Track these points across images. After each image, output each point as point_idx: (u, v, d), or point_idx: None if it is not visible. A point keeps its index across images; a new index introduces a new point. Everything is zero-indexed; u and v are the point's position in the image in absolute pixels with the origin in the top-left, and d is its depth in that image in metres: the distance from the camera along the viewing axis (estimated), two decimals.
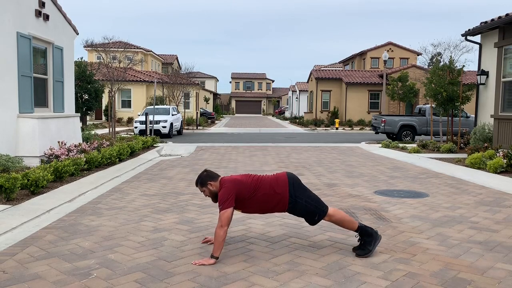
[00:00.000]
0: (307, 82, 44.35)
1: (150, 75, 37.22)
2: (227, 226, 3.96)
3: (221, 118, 52.27)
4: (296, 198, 4.17)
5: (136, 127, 21.28)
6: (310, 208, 4.20)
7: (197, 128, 29.87)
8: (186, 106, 34.62)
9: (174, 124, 22.54)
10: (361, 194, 7.24)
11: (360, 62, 46.04)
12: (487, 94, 13.16)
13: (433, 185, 8.10)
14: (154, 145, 15.54)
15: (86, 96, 20.79)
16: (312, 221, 4.27)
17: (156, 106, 22.05)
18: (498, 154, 9.96)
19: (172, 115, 22.69)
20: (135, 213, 5.84)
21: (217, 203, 4.14)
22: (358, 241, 4.30)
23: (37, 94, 10.44)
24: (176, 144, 17.12)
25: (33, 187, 6.59)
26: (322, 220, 4.33)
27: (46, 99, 11.11)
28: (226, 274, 3.70)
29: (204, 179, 4.24)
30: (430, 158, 12.08)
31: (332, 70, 42.59)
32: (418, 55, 42.08)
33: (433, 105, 16.05)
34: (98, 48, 18.71)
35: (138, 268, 3.82)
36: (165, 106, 24.29)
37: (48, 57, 11.15)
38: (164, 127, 21.13)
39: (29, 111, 9.85)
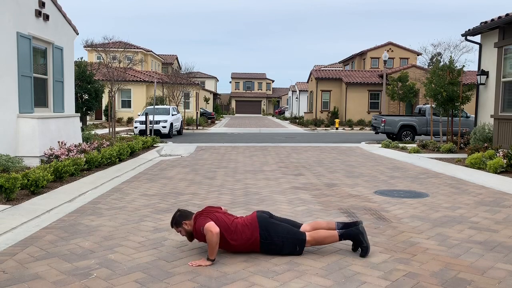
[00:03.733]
0: (307, 82, 44.35)
1: (150, 75, 37.22)
2: (217, 228, 3.92)
3: (221, 118, 52.27)
4: (272, 238, 4.11)
5: (136, 127, 21.28)
6: (288, 244, 4.12)
7: (197, 128, 29.87)
8: (186, 106, 34.62)
9: (174, 124, 22.54)
10: (361, 194, 7.24)
11: (360, 62, 46.04)
12: (487, 94, 13.16)
13: (433, 185, 8.10)
14: (154, 145, 15.54)
15: (86, 96, 20.78)
16: (295, 252, 4.16)
17: (156, 106, 22.04)
18: (498, 154, 9.95)
19: (172, 115, 22.69)
20: (135, 213, 5.84)
21: (195, 240, 4.19)
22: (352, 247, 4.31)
23: (37, 94, 10.44)
24: (176, 144, 17.13)
25: (33, 187, 6.59)
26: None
27: (46, 99, 11.11)
28: (226, 274, 3.70)
29: (179, 220, 4.23)
30: (430, 158, 12.08)
31: (332, 70, 42.59)
32: (418, 55, 42.05)
33: (433, 105, 16.05)
34: (98, 48, 18.70)
35: (138, 268, 3.82)
36: (165, 106, 24.28)
37: (48, 57, 11.15)
38: (164, 127, 21.13)
39: (29, 111, 9.85)
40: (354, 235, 4.17)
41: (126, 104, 34.73)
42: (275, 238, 4.12)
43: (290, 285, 3.47)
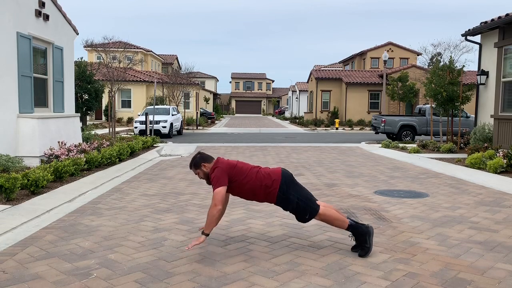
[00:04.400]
0: (307, 82, 44.34)
1: (150, 75, 37.22)
2: (221, 205, 3.98)
3: (221, 118, 52.26)
4: (288, 195, 4.18)
5: (136, 127, 21.27)
6: (302, 206, 4.20)
7: (197, 128, 29.87)
8: (186, 106, 34.61)
9: (174, 124, 22.54)
10: (361, 194, 7.24)
11: (360, 62, 46.03)
12: (487, 94, 13.16)
13: (433, 185, 8.10)
14: (154, 145, 15.54)
15: (86, 96, 20.78)
16: (303, 219, 4.26)
17: (156, 106, 22.04)
18: (498, 154, 9.95)
19: (172, 115, 22.69)
20: (135, 213, 5.84)
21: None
22: (352, 240, 4.31)
23: (37, 94, 10.43)
24: (176, 144, 17.13)
25: (33, 187, 6.59)
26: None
27: (46, 99, 11.11)
28: (226, 274, 3.70)
29: (198, 161, 4.27)
30: (430, 158, 12.08)
31: (332, 70, 42.59)
32: (418, 55, 42.04)
33: (433, 105, 16.05)
34: (98, 48, 18.70)
35: (138, 268, 3.82)
36: (165, 106, 24.28)
37: (48, 57, 11.15)
38: (164, 127, 21.13)
39: (29, 111, 9.85)
40: (362, 232, 4.18)
41: (126, 104, 34.73)
42: (291, 195, 4.18)
43: (290, 285, 3.47)
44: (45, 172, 6.94)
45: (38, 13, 10.33)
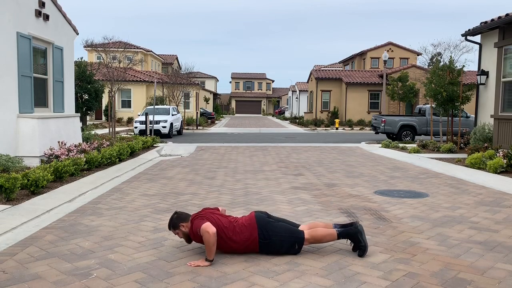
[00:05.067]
0: (307, 82, 44.35)
1: (150, 75, 37.22)
2: (213, 229, 3.91)
3: (221, 118, 52.27)
4: (270, 237, 4.11)
5: (136, 127, 21.28)
6: (286, 242, 4.12)
7: (197, 128, 29.87)
8: (186, 106, 34.61)
9: (174, 124, 22.54)
10: (361, 194, 7.24)
11: (360, 62, 46.03)
12: (487, 94, 13.16)
13: (433, 185, 8.10)
14: (154, 145, 15.54)
15: (86, 96, 20.78)
16: (294, 251, 4.16)
17: (156, 106, 22.04)
18: (498, 154, 9.95)
19: (172, 115, 22.69)
20: (135, 213, 5.84)
21: (193, 242, 4.22)
22: (350, 245, 4.31)
23: (37, 94, 10.43)
24: (176, 144, 17.13)
25: (33, 187, 6.59)
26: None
27: (46, 99, 11.11)
28: (226, 274, 3.70)
29: (176, 222, 4.23)
30: (430, 158, 12.08)
31: (332, 70, 42.60)
32: (418, 55, 42.04)
33: (433, 105, 16.05)
34: (98, 48, 18.71)
35: (138, 268, 3.82)
36: (165, 106, 24.28)
37: (48, 57, 11.15)
38: (164, 127, 21.13)
39: (29, 111, 9.85)
40: (352, 234, 4.17)
41: (126, 104, 34.73)
42: (274, 237, 4.12)
43: (290, 285, 3.47)
44: (45, 172, 6.94)
45: (38, 13, 10.33)
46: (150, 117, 20.40)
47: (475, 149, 11.44)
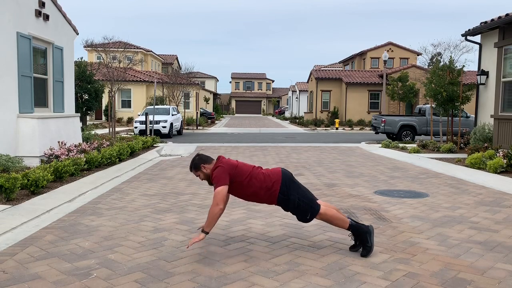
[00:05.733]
0: (307, 82, 44.35)
1: (150, 75, 37.22)
2: (223, 204, 3.97)
3: (221, 118, 52.26)
4: (289, 195, 4.17)
5: (136, 127, 21.28)
6: (303, 206, 4.19)
7: (197, 128, 29.87)
8: (186, 106, 34.61)
9: (174, 124, 22.54)
10: (361, 194, 7.24)
11: (360, 62, 46.03)
12: (487, 94, 13.16)
13: (433, 185, 8.10)
14: (154, 145, 15.54)
15: (86, 96, 20.78)
16: (304, 219, 4.26)
17: (156, 106, 22.04)
18: (498, 154, 9.95)
19: (172, 115, 22.69)
20: (135, 213, 5.84)
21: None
22: (351, 240, 4.31)
23: (37, 94, 10.43)
24: (176, 144, 17.13)
25: (33, 187, 6.59)
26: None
27: (46, 99, 11.11)
28: (226, 274, 3.70)
29: (198, 163, 4.26)
30: (430, 158, 12.08)
31: (332, 70, 42.59)
32: (418, 55, 42.04)
33: (433, 105, 16.05)
34: (98, 48, 18.70)
35: (138, 268, 3.82)
36: (165, 106, 24.28)
37: (48, 57, 11.15)
38: (164, 127, 21.13)
39: (29, 111, 9.85)
40: (362, 232, 4.18)
41: (126, 104, 34.72)
42: (292, 196, 4.17)
43: (290, 285, 3.47)
44: (45, 172, 6.94)
45: (38, 13, 10.33)
46: (150, 117, 20.40)
47: (475, 149, 11.44)
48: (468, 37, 13.73)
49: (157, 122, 20.94)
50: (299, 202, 4.17)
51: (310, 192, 4.39)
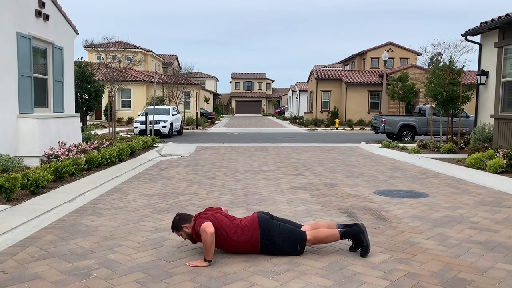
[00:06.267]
0: (307, 82, 44.35)
1: (150, 75, 37.22)
2: (212, 228, 3.90)
3: (221, 118, 52.26)
4: (273, 238, 4.10)
5: (136, 127, 21.28)
6: (289, 243, 4.12)
7: (197, 128, 29.87)
8: (186, 106, 34.61)
9: (174, 124, 22.54)
10: (361, 194, 7.24)
11: (360, 62, 46.04)
12: (487, 94, 13.16)
13: (433, 185, 8.10)
14: (154, 145, 15.54)
15: (86, 96, 20.78)
16: (296, 252, 4.16)
17: (156, 106, 22.04)
18: (498, 154, 9.95)
19: (172, 115, 22.69)
20: (135, 213, 5.84)
21: (196, 243, 4.24)
22: (348, 241, 4.31)
23: (37, 94, 10.43)
24: (176, 144, 17.12)
25: (33, 187, 6.59)
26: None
27: (46, 99, 11.11)
28: (226, 274, 3.70)
29: (179, 223, 4.23)
30: (430, 158, 12.08)
31: (332, 70, 42.59)
32: (418, 55, 42.03)
33: (433, 105, 16.05)
34: (98, 48, 18.70)
35: (138, 268, 3.82)
36: (165, 106, 24.28)
37: (48, 57, 11.15)
38: (164, 127, 21.13)
39: (29, 111, 9.85)
40: (355, 234, 4.17)
41: (126, 104, 34.72)
42: (276, 238, 4.11)
43: (290, 285, 3.47)
44: (45, 172, 6.93)
45: (38, 13, 10.33)
46: (150, 117, 20.40)
47: (475, 149, 11.44)
48: (468, 37, 13.73)
49: (157, 122, 20.94)
50: (284, 241, 4.11)
51: (292, 222, 4.35)
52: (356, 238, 4.17)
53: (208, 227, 3.91)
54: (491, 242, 4.61)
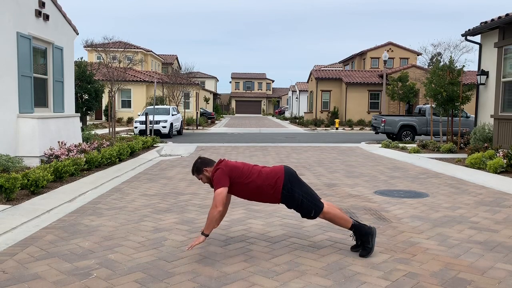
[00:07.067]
0: (307, 82, 44.34)
1: (150, 75, 37.21)
2: (222, 206, 3.96)
3: (221, 118, 52.26)
4: (293, 193, 4.15)
5: (136, 127, 21.28)
6: (307, 204, 4.18)
7: (197, 128, 29.87)
8: (186, 106, 34.60)
9: (174, 124, 22.54)
10: (361, 194, 7.24)
11: (360, 62, 46.03)
12: (487, 94, 13.16)
13: (433, 185, 8.10)
14: (154, 145, 15.53)
15: (86, 96, 20.78)
16: (308, 216, 4.24)
17: (156, 106, 22.04)
18: (498, 154, 9.95)
19: (172, 115, 22.69)
20: (135, 213, 5.84)
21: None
22: (353, 240, 4.31)
23: (37, 94, 10.43)
24: (176, 144, 17.12)
25: (33, 187, 6.59)
26: (322, 220, 4.33)
27: (46, 99, 11.11)
28: (226, 274, 3.70)
29: (199, 166, 4.26)
30: (430, 158, 12.08)
31: (332, 70, 42.59)
32: (418, 55, 42.04)
33: (433, 105, 16.05)
34: (98, 48, 18.70)
35: (138, 268, 3.82)
36: (165, 106, 24.27)
37: (48, 57, 11.15)
38: (164, 127, 21.13)
39: (29, 111, 9.85)
40: (365, 233, 4.18)
41: (126, 104, 34.72)
42: (296, 193, 4.14)
43: (290, 285, 3.47)
44: (45, 172, 6.93)
45: (38, 13, 10.33)
46: (150, 117, 20.40)
47: (475, 149, 11.44)
48: (468, 37, 13.73)
49: (157, 122, 20.94)
50: (303, 199, 4.16)
51: (314, 191, 4.39)
52: (363, 237, 4.17)
53: (219, 202, 3.93)
54: (491, 242, 4.61)
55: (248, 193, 4.20)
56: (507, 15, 11.40)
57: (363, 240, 4.18)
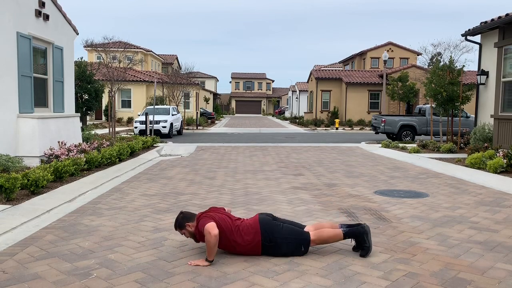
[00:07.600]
0: (307, 82, 44.34)
1: (150, 75, 37.21)
2: (216, 230, 3.89)
3: (221, 118, 52.26)
4: (276, 240, 4.07)
5: (136, 127, 21.28)
6: (292, 244, 4.10)
7: (197, 128, 29.87)
8: (186, 106, 34.60)
9: (174, 124, 22.54)
10: (361, 194, 7.24)
11: (360, 62, 46.03)
12: (487, 94, 13.16)
13: (433, 185, 8.10)
14: (154, 145, 15.53)
15: (86, 96, 20.78)
16: (300, 253, 4.14)
17: (156, 106, 22.04)
18: (498, 154, 9.95)
19: (172, 115, 22.69)
20: (135, 213, 5.84)
21: (199, 242, 4.24)
22: (351, 241, 4.31)
23: (37, 94, 10.43)
24: (176, 144, 17.12)
25: (33, 187, 6.59)
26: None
27: (46, 99, 11.10)
28: (226, 274, 3.69)
29: (182, 222, 4.22)
30: (430, 158, 12.08)
31: (332, 70, 42.58)
32: (418, 55, 42.02)
33: (433, 105, 16.05)
34: (98, 48, 18.70)
35: (138, 268, 3.82)
36: (165, 106, 24.28)
37: (48, 57, 11.15)
38: (164, 127, 21.13)
39: (29, 111, 9.85)
40: (358, 234, 4.17)
41: (126, 104, 34.71)
42: (279, 239, 4.09)
43: (290, 285, 3.47)
44: (45, 172, 6.93)
45: (38, 13, 10.33)
46: (150, 117, 20.40)
47: (475, 149, 11.43)
48: (468, 37, 13.73)
49: (157, 122, 20.94)
50: (287, 242, 4.08)
51: (294, 222, 4.33)
52: (359, 238, 4.17)
53: (212, 229, 3.89)
54: (491, 242, 4.62)
55: (228, 246, 4.13)
56: (507, 15, 11.40)
57: (359, 240, 4.18)
